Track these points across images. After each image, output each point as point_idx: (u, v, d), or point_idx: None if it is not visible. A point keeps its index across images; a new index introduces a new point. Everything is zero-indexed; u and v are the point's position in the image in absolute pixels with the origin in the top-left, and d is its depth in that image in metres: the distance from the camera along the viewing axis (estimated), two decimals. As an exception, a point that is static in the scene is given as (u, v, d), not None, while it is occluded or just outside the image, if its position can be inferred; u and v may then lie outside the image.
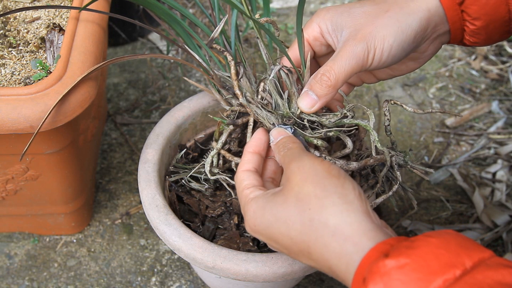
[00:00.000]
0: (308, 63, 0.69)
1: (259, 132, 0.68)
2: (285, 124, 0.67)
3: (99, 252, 0.99)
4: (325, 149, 0.69)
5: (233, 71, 0.74)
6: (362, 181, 0.74)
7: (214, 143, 0.76)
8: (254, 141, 0.66)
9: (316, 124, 0.68)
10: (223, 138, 0.75)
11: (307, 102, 0.66)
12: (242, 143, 0.78)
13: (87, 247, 0.99)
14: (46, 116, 0.69)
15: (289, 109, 0.69)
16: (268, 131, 0.68)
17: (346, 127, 0.69)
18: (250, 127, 0.72)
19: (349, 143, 0.69)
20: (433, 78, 1.32)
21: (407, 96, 1.27)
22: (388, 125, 0.72)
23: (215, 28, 0.77)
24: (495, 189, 1.09)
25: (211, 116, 0.85)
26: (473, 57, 1.37)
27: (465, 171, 1.13)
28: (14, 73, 0.76)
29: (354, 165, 0.67)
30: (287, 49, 0.72)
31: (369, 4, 0.67)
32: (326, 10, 0.68)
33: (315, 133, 0.67)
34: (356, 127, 0.71)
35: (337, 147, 0.75)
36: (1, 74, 0.75)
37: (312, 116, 0.67)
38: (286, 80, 0.69)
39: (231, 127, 0.75)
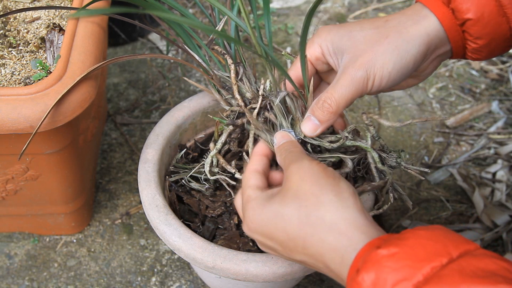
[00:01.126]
0: (311, 88, 0.70)
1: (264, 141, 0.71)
2: (289, 128, 0.69)
3: (99, 252, 0.99)
4: None
5: (233, 74, 0.75)
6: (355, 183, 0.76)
7: (211, 145, 0.77)
8: (262, 145, 0.69)
9: (318, 148, 0.71)
10: (222, 138, 0.75)
11: (310, 127, 0.69)
12: (241, 143, 0.78)
13: (87, 247, 0.99)
14: (45, 116, 0.70)
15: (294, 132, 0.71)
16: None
17: (348, 149, 0.72)
18: (251, 138, 0.73)
19: (349, 163, 0.71)
20: (433, 78, 1.32)
21: (407, 96, 1.27)
22: (375, 133, 0.73)
23: (214, 28, 0.77)
24: (495, 189, 1.10)
25: (211, 116, 0.85)
26: (473, 57, 1.37)
27: (465, 171, 1.13)
28: (14, 73, 0.76)
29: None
30: (289, 68, 0.74)
31: (368, 27, 0.68)
32: (327, 31, 0.69)
33: (319, 157, 0.70)
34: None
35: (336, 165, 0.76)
36: (1, 74, 0.75)
37: (316, 140, 0.70)
38: (291, 105, 0.71)
39: (230, 127, 0.75)
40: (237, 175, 0.74)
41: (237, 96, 0.74)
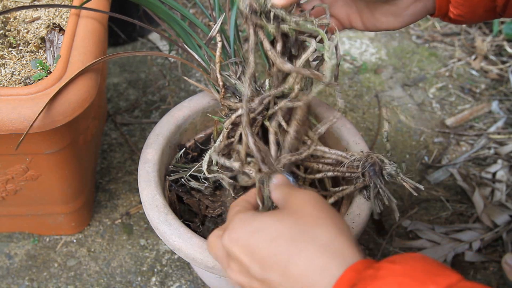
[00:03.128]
0: None
1: None
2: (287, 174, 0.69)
3: (99, 252, 0.99)
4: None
5: (218, 52, 0.74)
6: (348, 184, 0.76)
7: (209, 152, 0.76)
8: (251, 194, 0.66)
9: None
10: (221, 137, 0.75)
11: None
12: (240, 142, 0.78)
13: (87, 247, 0.99)
14: (40, 112, 0.69)
15: (263, 2, 0.65)
16: None
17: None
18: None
19: (313, 43, 0.66)
20: (433, 78, 1.32)
21: (407, 96, 1.27)
22: (386, 136, 0.72)
23: (214, 27, 0.77)
24: (495, 189, 1.09)
25: (211, 116, 0.85)
26: (473, 57, 1.37)
27: (465, 171, 1.13)
28: (14, 73, 0.76)
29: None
30: None
31: None
32: None
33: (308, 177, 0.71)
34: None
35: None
36: (1, 74, 0.75)
37: (281, 11, 0.64)
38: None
39: (230, 126, 0.75)
40: (235, 165, 0.72)
41: (218, 76, 0.73)
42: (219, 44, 0.75)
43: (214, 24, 0.77)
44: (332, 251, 0.51)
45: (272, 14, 0.64)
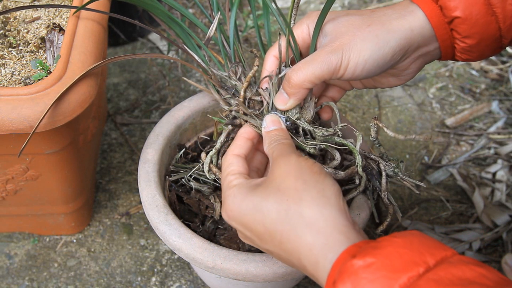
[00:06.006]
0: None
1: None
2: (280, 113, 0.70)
3: (99, 252, 0.99)
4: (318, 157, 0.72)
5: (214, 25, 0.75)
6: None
7: (203, 155, 0.76)
8: (248, 128, 0.69)
9: (308, 136, 0.71)
10: (221, 138, 0.75)
11: (280, 100, 0.69)
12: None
13: (87, 247, 0.99)
14: (43, 115, 0.69)
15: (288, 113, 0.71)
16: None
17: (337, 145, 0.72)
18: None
19: (337, 155, 0.71)
20: (433, 78, 1.32)
21: (407, 96, 1.27)
22: (375, 139, 0.72)
23: (212, 27, 0.77)
24: (495, 189, 1.09)
25: (211, 116, 0.85)
26: (473, 57, 1.37)
27: (465, 171, 1.13)
28: (14, 73, 0.76)
29: (341, 174, 0.70)
30: (269, 48, 0.74)
31: (354, 14, 0.67)
32: (316, 14, 0.68)
33: (308, 142, 0.70)
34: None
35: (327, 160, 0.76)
36: (1, 74, 0.75)
37: (307, 126, 0.70)
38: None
39: (229, 127, 0.75)
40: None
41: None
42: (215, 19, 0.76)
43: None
44: (317, 229, 0.54)
45: (300, 129, 0.70)
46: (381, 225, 0.74)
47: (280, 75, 0.71)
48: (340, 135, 0.71)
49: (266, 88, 0.72)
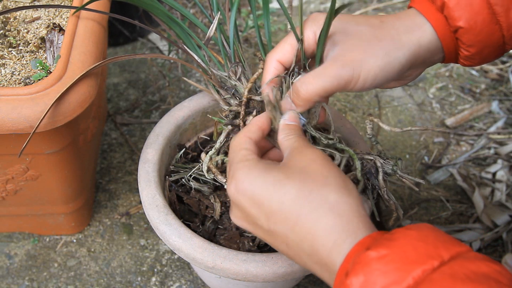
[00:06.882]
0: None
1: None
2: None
3: (99, 252, 0.99)
4: None
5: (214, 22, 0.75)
6: None
7: (203, 155, 0.76)
8: (262, 119, 0.67)
9: (311, 141, 0.71)
10: (221, 138, 0.75)
11: (286, 109, 0.68)
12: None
13: (87, 247, 0.99)
14: (44, 115, 0.69)
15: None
16: None
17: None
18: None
19: (337, 155, 0.71)
20: (433, 78, 1.32)
21: (407, 96, 1.27)
22: (372, 137, 0.73)
23: (212, 27, 0.77)
24: (495, 189, 1.10)
25: (211, 116, 0.85)
26: (473, 57, 1.37)
27: (465, 171, 1.13)
28: (14, 73, 0.76)
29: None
30: (272, 49, 0.72)
31: (363, 23, 0.67)
32: (323, 18, 0.67)
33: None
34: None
35: None
36: (1, 74, 0.75)
37: (315, 133, 0.70)
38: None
39: (229, 127, 0.75)
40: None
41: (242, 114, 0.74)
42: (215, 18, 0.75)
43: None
44: (339, 212, 0.54)
45: (308, 134, 0.70)
46: (390, 219, 0.74)
47: (298, 77, 0.69)
48: (344, 143, 0.71)
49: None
